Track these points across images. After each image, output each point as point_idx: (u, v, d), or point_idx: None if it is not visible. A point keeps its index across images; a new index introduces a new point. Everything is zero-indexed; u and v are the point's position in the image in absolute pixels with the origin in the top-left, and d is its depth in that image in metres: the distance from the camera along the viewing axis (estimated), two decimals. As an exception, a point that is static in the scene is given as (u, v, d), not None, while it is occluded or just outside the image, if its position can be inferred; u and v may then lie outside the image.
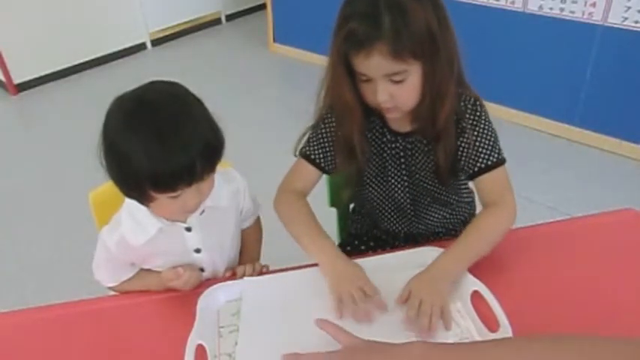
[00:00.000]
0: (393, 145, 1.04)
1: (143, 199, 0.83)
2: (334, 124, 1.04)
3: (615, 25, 2.34)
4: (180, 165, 0.77)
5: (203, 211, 0.94)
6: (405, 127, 1.03)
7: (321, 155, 1.05)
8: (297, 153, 1.08)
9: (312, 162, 1.06)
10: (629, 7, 2.28)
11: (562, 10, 2.46)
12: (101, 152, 0.81)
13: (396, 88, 0.89)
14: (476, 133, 0.98)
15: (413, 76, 0.88)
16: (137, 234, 0.91)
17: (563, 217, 1.86)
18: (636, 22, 2.29)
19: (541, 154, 2.59)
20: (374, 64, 0.85)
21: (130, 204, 0.92)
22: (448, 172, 1.02)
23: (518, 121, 2.76)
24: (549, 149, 2.66)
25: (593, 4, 2.37)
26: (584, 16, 2.41)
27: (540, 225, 1.07)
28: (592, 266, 0.95)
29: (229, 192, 0.99)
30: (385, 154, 1.06)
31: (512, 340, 0.70)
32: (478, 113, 0.99)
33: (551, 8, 2.49)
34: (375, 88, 0.89)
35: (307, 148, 1.06)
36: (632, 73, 2.38)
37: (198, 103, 0.84)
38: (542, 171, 2.45)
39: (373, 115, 1.02)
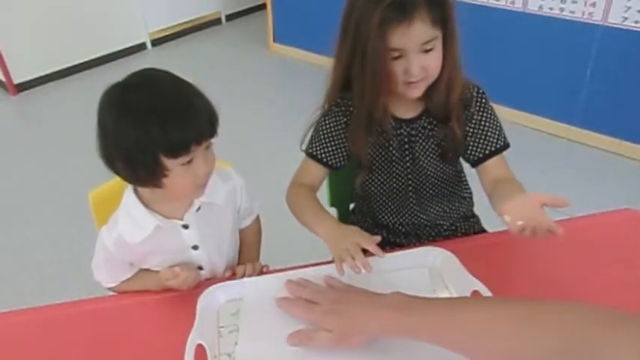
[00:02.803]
0: (398, 132, 1.07)
1: (157, 175, 0.83)
2: (337, 118, 1.06)
3: (615, 25, 2.34)
4: (191, 126, 0.81)
5: (199, 208, 0.95)
6: (409, 113, 1.06)
7: (324, 152, 1.08)
8: (302, 149, 1.11)
9: (318, 160, 1.09)
10: (629, 7, 2.28)
11: (562, 10, 2.46)
12: (103, 148, 0.82)
13: (426, 58, 0.93)
14: (484, 119, 1.05)
15: (439, 44, 0.94)
16: (134, 232, 0.91)
17: (563, 217, 1.86)
18: (636, 22, 2.29)
19: (541, 154, 2.59)
20: (415, 32, 0.90)
21: (128, 203, 0.92)
22: (455, 152, 1.07)
23: (518, 121, 2.76)
24: (549, 149, 2.66)
25: (593, 4, 2.37)
26: (584, 16, 2.41)
27: (540, 225, 1.07)
28: (592, 266, 0.95)
29: (226, 190, 1.00)
30: (391, 142, 1.08)
31: (490, 298, 0.74)
32: (484, 100, 1.05)
33: (551, 8, 2.49)
34: (405, 64, 0.93)
35: (311, 147, 1.10)
36: (632, 73, 2.38)
37: (182, 77, 0.87)
38: (542, 171, 2.45)
39: None
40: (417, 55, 0.93)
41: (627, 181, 2.38)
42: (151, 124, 0.78)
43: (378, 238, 0.90)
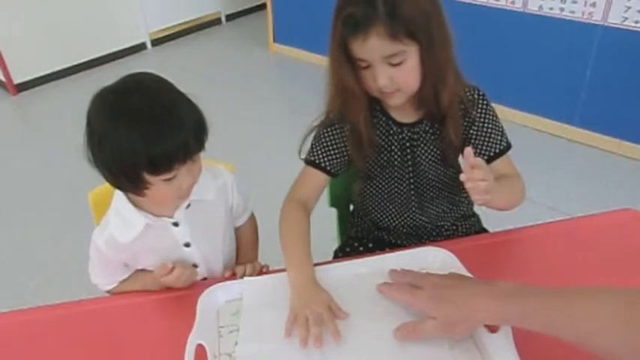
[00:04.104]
0: (400, 137, 1.06)
1: (138, 187, 0.84)
2: (338, 126, 1.06)
3: (615, 25, 2.34)
4: (175, 143, 0.80)
5: (189, 205, 0.95)
6: (409, 117, 1.05)
7: (326, 159, 1.07)
8: (301, 157, 1.10)
9: (318, 167, 1.07)
10: (629, 7, 2.28)
11: (562, 10, 2.46)
12: (89, 150, 0.82)
13: (395, 71, 0.92)
14: (486, 121, 1.04)
15: (411, 58, 0.91)
16: (125, 231, 0.92)
17: (563, 217, 1.86)
18: (636, 22, 2.29)
19: (541, 154, 2.59)
20: (372, 46, 0.88)
21: (117, 203, 0.93)
22: (455, 155, 1.07)
23: (518, 121, 2.76)
24: (549, 149, 2.66)
25: (593, 4, 2.37)
26: (584, 16, 2.41)
27: (540, 225, 1.07)
28: (592, 266, 0.94)
29: (216, 187, 1.00)
30: (393, 147, 1.07)
31: (600, 287, 0.70)
32: (485, 103, 1.05)
33: (551, 8, 2.49)
34: (374, 74, 0.92)
35: (311, 155, 1.08)
36: (632, 73, 2.38)
37: (174, 85, 0.86)
38: (542, 171, 2.45)
39: (376, 109, 1.05)
40: (383, 67, 0.91)
41: (627, 181, 2.38)
42: (135, 140, 0.77)
43: (344, 316, 0.82)
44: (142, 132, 0.77)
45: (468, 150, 0.81)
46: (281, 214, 1.03)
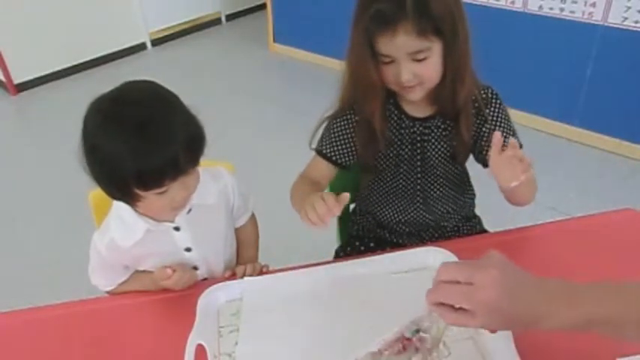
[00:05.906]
0: (411, 131, 1.07)
1: (130, 199, 0.83)
2: (348, 118, 1.07)
3: (615, 25, 2.34)
4: (164, 159, 0.78)
5: (190, 210, 0.94)
6: (422, 112, 1.06)
7: (334, 150, 1.08)
8: (312, 148, 1.11)
9: (326, 157, 1.09)
10: (629, 7, 2.28)
11: (562, 10, 2.46)
12: (83, 156, 0.81)
13: (418, 66, 0.93)
14: (499, 121, 1.05)
15: (435, 54, 0.93)
16: (126, 236, 0.92)
17: (563, 217, 1.86)
18: (636, 22, 2.29)
19: (541, 154, 2.59)
20: (399, 42, 0.90)
21: (118, 207, 0.92)
22: (464, 153, 1.08)
23: (519, 121, 2.74)
24: (549, 149, 2.66)
25: (593, 4, 2.37)
26: (584, 16, 2.41)
27: (540, 225, 1.07)
28: (592, 266, 0.94)
29: (216, 190, 1.00)
30: (404, 140, 1.08)
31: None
32: (499, 102, 1.06)
33: (551, 8, 2.49)
34: (397, 70, 0.93)
35: (321, 146, 1.10)
36: (632, 73, 2.38)
37: (174, 97, 0.84)
38: (542, 171, 2.43)
39: (390, 102, 1.05)
40: (407, 63, 0.92)
41: (627, 181, 2.38)
42: (123, 153, 0.76)
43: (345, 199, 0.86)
44: (131, 145, 0.76)
45: (498, 135, 0.84)
46: (291, 189, 1.05)
